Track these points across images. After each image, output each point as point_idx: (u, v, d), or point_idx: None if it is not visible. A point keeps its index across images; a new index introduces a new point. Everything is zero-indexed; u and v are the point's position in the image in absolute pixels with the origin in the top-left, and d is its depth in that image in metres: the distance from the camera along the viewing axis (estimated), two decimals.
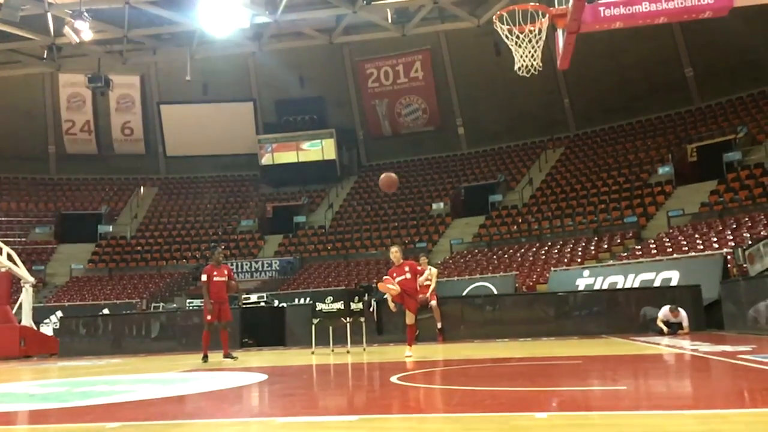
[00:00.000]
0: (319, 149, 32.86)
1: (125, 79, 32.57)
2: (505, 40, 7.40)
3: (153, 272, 28.44)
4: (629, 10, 6.74)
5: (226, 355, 10.15)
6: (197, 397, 5.24)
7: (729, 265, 14.43)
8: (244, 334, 14.98)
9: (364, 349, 11.22)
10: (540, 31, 7.38)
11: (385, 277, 9.61)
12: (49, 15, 24.33)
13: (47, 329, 20.46)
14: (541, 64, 7.41)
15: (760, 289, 11.17)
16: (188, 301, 22.45)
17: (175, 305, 23.08)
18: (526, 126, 30.11)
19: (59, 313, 22.03)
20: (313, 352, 11.10)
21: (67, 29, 22.69)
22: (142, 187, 33.88)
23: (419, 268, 10.15)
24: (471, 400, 4.35)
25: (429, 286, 13.10)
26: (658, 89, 27.15)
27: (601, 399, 4.34)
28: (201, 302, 12.21)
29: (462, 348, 10.98)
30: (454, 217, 27.89)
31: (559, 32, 7.62)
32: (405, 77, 33.10)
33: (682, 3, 6.67)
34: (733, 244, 16.21)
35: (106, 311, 22.16)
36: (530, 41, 7.29)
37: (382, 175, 8.00)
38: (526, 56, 7.47)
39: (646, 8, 6.74)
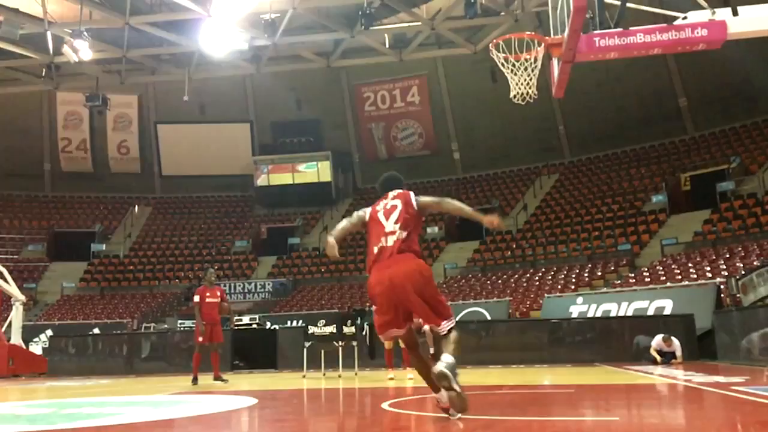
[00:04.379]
0: (315, 171, 32.92)
1: (123, 99, 32.68)
2: (501, 68, 7.47)
3: (145, 292, 28.26)
4: (624, 40, 6.82)
5: (217, 378, 10.06)
6: (185, 422, 5.17)
7: (722, 295, 14.44)
8: (235, 356, 14.87)
9: (356, 374, 11.14)
10: (536, 59, 7.45)
11: None
12: (48, 34, 24.45)
13: (36, 348, 20.24)
14: (536, 92, 7.47)
15: (753, 320, 11.16)
16: (180, 321, 22.29)
17: (166, 326, 22.90)
18: (521, 152, 30.28)
19: (49, 332, 21.85)
20: (304, 376, 11.01)
21: (66, 48, 22.82)
22: (136, 206, 33.81)
23: None
24: (462, 430, 4.30)
25: None
26: (652, 118, 27.37)
27: (593, 430, 4.30)
28: (193, 323, 12.13)
29: None
30: (448, 241, 27.89)
31: (555, 61, 7.70)
32: (402, 101, 33.31)
33: (676, 35, 6.76)
34: (726, 273, 16.23)
35: (96, 331, 21.97)
36: (526, 69, 7.36)
37: None
38: (522, 84, 7.53)
39: (640, 39, 6.82)
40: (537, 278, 21.96)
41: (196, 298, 10.21)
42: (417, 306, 4.34)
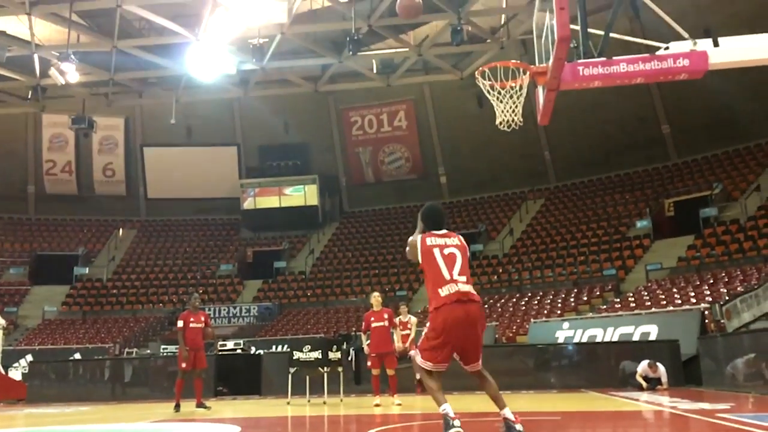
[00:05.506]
0: (302, 195, 32.91)
1: (109, 121, 32.61)
2: (487, 95, 7.55)
3: (128, 316, 27.92)
4: (607, 70, 6.92)
5: (199, 405, 9.92)
6: None
7: (706, 321, 14.50)
8: (218, 382, 14.68)
9: (341, 400, 11.03)
10: (521, 87, 7.54)
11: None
12: (35, 56, 24.42)
13: (16, 374, 19.88)
14: (521, 120, 7.54)
15: (737, 346, 11.22)
16: (163, 346, 22.01)
17: (149, 351, 22.60)
18: (508, 177, 30.48)
19: (29, 357, 21.48)
20: (288, 403, 10.88)
21: (52, 71, 22.79)
22: (120, 229, 33.55)
23: (401, 319, 10.26)
24: None
25: (408, 335, 13.00)
26: (636, 145, 27.72)
27: None
28: (176, 348, 11.99)
29: None
30: None
31: (540, 89, 7.79)
32: (389, 126, 33.50)
33: (658, 65, 6.87)
34: (710, 299, 16.33)
35: (77, 356, 21.62)
36: (512, 97, 7.44)
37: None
38: (508, 111, 7.61)
39: (623, 69, 6.93)
40: (523, 303, 21.97)
41: (180, 324, 10.11)
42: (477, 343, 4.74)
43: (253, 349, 18.29)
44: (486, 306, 22.59)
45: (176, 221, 34.58)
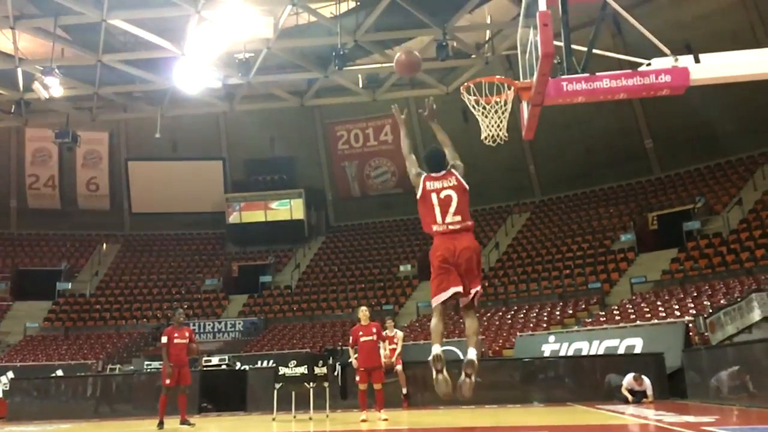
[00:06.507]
0: (288, 209, 32.83)
1: (93, 135, 32.39)
2: (473, 110, 7.59)
3: (111, 332, 27.60)
4: (591, 86, 6.99)
5: (183, 422, 9.81)
6: None
7: (690, 334, 14.59)
8: (203, 398, 14.52)
9: (327, 416, 10.95)
10: (506, 102, 7.58)
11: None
12: (19, 71, 24.26)
13: None
14: (506, 135, 7.59)
15: (721, 359, 11.29)
16: (146, 362, 21.74)
17: (132, 367, 22.33)
18: (493, 190, 30.58)
19: (10, 374, 21.14)
20: (274, 419, 10.79)
21: (36, 85, 22.60)
22: (104, 244, 33.24)
23: (387, 333, 10.25)
24: None
25: (395, 350, 12.97)
26: (619, 159, 27.98)
27: None
28: (160, 364, 11.86)
29: (427, 415, 10.79)
30: (421, 279, 27.86)
31: (524, 104, 7.86)
32: (375, 140, 33.60)
33: (640, 81, 6.96)
34: (694, 312, 16.44)
35: (59, 372, 21.31)
36: (496, 112, 7.48)
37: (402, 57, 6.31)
38: (493, 126, 7.65)
39: (606, 85, 7.00)
40: (509, 316, 22.00)
41: (164, 339, 10.02)
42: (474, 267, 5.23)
43: (238, 365, 18.13)
44: None
45: (161, 236, 34.33)
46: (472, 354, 5.22)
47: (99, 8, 20.99)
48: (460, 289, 5.22)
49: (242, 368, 17.10)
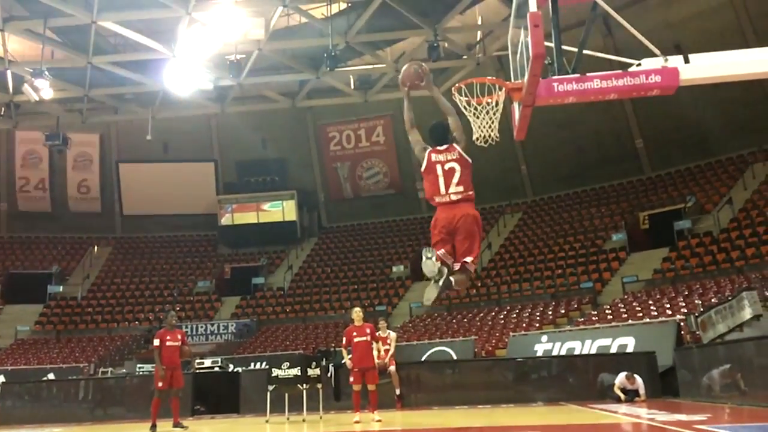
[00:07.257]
0: (280, 210, 32.77)
1: (84, 137, 32.24)
2: (464, 111, 7.59)
3: (103, 334, 27.47)
4: (581, 86, 7.01)
5: (176, 425, 9.78)
6: None
7: (682, 332, 14.67)
8: (196, 401, 14.48)
9: (321, 417, 10.94)
10: (497, 103, 7.59)
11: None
12: (8, 73, 24.13)
13: None
14: (498, 135, 7.60)
15: (712, 357, 11.35)
16: (138, 365, 21.66)
17: (124, 370, 22.23)
18: (485, 191, 30.55)
19: (1, 378, 21.02)
20: (267, 421, 10.77)
21: (26, 87, 22.47)
22: (95, 247, 33.08)
23: (380, 334, 10.24)
24: None
25: (388, 351, 12.98)
26: (610, 159, 28.09)
27: None
28: (152, 367, 11.82)
29: (420, 416, 10.80)
30: (414, 280, 27.88)
31: (516, 104, 7.87)
32: (367, 141, 33.60)
33: (631, 81, 6.98)
34: (685, 310, 16.53)
35: (51, 376, 21.18)
36: (488, 113, 7.48)
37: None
38: (484, 127, 7.65)
39: (597, 85, 7.02)
40: (502, 317, 22.04)
41: (156, 342, 10.00)
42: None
43: (231, 367, 18.09)
44: (464, 320, 22.63)
45: (152, 238, 34.20)
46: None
47: (89, 10, 20.90)
48: (450, 261, 5.31)
49: (235, 370, 17.06)
